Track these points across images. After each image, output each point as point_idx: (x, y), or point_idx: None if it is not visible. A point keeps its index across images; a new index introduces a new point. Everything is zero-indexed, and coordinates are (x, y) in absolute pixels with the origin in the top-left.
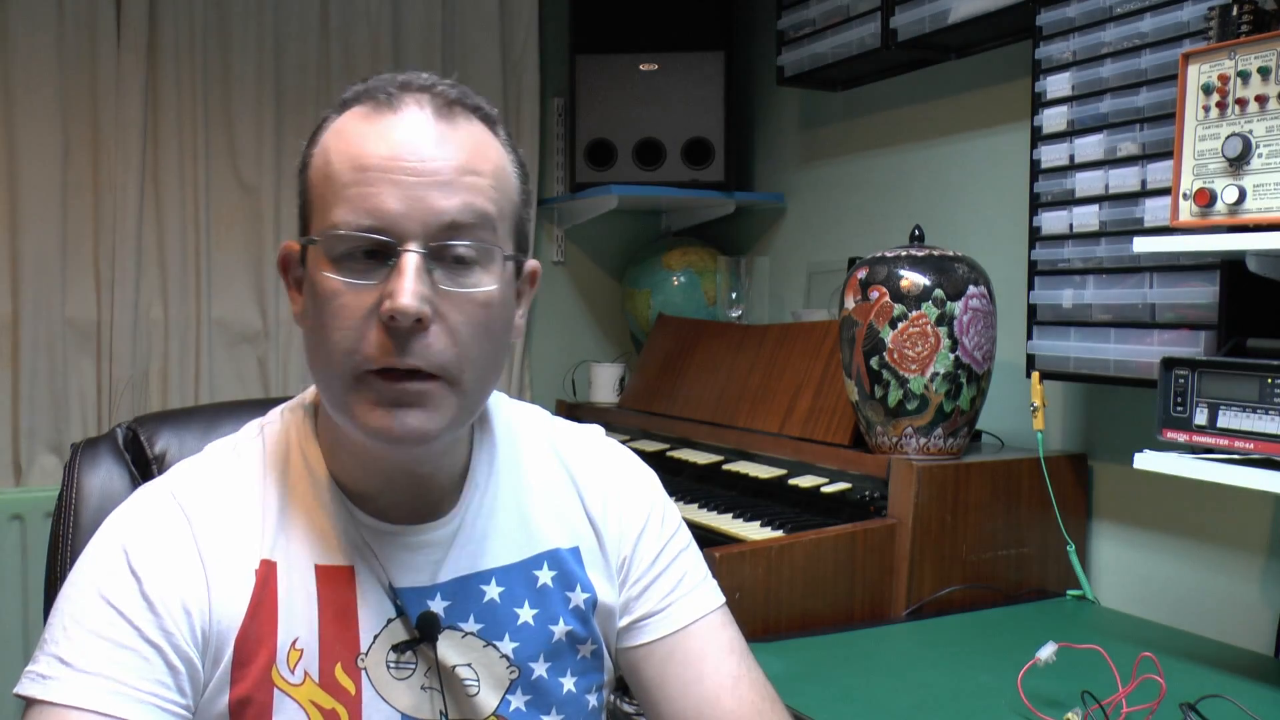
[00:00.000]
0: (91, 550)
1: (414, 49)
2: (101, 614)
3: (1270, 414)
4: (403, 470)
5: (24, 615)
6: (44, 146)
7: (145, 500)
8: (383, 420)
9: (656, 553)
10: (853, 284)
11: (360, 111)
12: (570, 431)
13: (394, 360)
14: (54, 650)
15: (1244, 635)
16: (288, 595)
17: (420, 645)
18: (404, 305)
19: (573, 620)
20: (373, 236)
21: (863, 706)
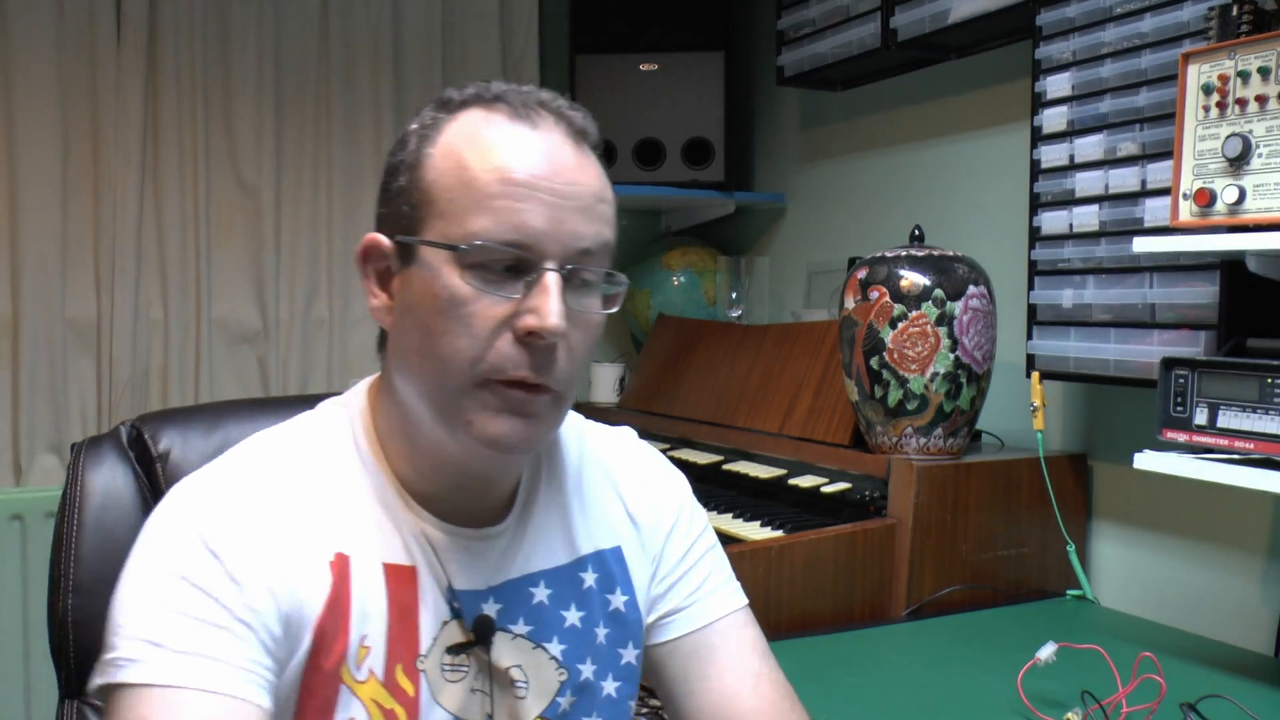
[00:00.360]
0: (159, 536)
1: (414, 49)
2: (187, 595)
3: (1270, 414)
4: (477, 476)
5: (24, 615)
6: (44, 147)
7: (212, 486)
8: (502, 428)
9: (685, 550)
10: (853, 284)
11: (490, 118)
12: (605, 433)
13: (530, 375)
14: (137, 634)
15: (1244, 635)
16: (361, 591)
17: (474, 648)
18: (553, 325)
19: (610, 624)
20: (518, 253)
21: (863, 706)
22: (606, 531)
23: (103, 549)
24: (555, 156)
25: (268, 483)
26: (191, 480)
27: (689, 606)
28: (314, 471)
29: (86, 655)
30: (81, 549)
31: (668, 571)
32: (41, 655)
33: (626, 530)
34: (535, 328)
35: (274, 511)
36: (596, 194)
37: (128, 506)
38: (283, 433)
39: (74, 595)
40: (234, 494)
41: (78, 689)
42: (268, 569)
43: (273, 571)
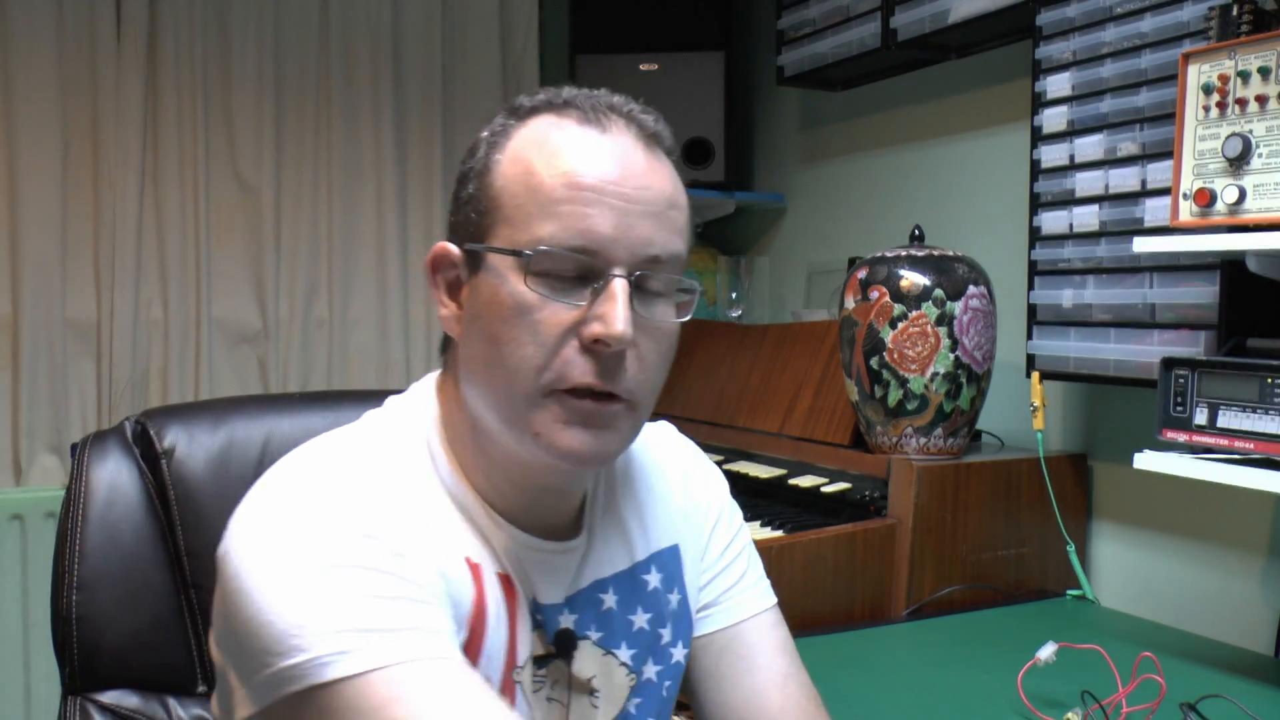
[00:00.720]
0: (300, 532)
1: (414, 49)
2: (369, 579)
3: (1270, 414)
4: (550, 489)
5: (24, 615)
6: (44, 147)
7: (342, 479)
8: (572, 440)
9: (725, 545)
10: (853, 284)
11: (560, 123)
12: (649, 431)
13: (597, 383)
14: (333, 627)
15: (1244, 635)
16: (492, 599)
17: (555, 660)
18: (621, 332)
19: (670, 623)
20: (583, 258)
21: (863, 706)
22: (665, 530)
23: (107, 545)
24: (625, 160)
25: (386, 480)
26: (295, 479)
27: (724, 602)
28: (413, 479)
29: (90, 652)
30: (86, 545)
31: (708, 565)
32: (42, 656)
33: (682, 528)
34: (601, 335)
35: (410, 505)
36: (668, 200)
37: (132, 502)
38: (362, 437)
39: (78, 591)
40: (372, 488)
41: (81, 686)
42: (433, 555)
43: (434, 556)
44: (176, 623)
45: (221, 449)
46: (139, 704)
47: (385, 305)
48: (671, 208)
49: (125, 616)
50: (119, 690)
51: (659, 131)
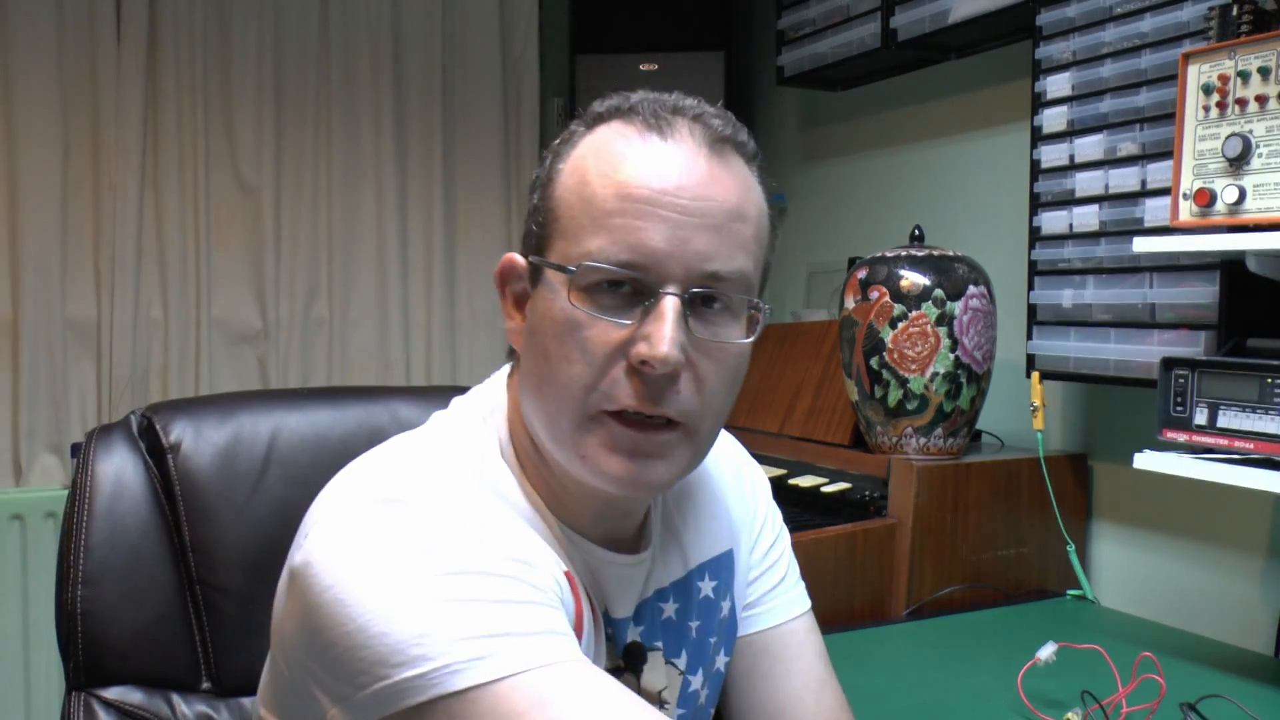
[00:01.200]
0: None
1: (414, 49)
2: (499, 585)
3: (1270, 414)
4: (617, 508)
5: (24, 615)
6: (44, 147)
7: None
8: (620, 468)
9: (769, 546)
10: (853, 284)
11: (624, 130)
12: None
13: (644, 406)
14: (460, 635)
15: (1244, 635)
16: (585, 608)
17: (624, 674)
18: (665, 354)
19: (718, 632)
20: (633, 275)
21: (863, 706)
22: (719, 536)
23: (113, 540)
24: (684, 168)
25: (476, 490)
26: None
27: (764, 604)
28: (495, 490)
29: (94, 647)
30: (91, 540)
31: (753, 565)
32: (42, 655)
33: (734, 532)
34: (646, 356)
35: (506, 515)
36: (732, 211)
37: (138, 497)
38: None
39: (83, 586)
40: (462, 493)
41: (85, 681)
42: (548, 565)
43: (548, 565)
44: (182, 619)
45: (228, 443)
46: (143, 700)
47: (385, 305)
48: (737, 220)
49: (130, 612)
50: (123, 686)
51: (730, 135)
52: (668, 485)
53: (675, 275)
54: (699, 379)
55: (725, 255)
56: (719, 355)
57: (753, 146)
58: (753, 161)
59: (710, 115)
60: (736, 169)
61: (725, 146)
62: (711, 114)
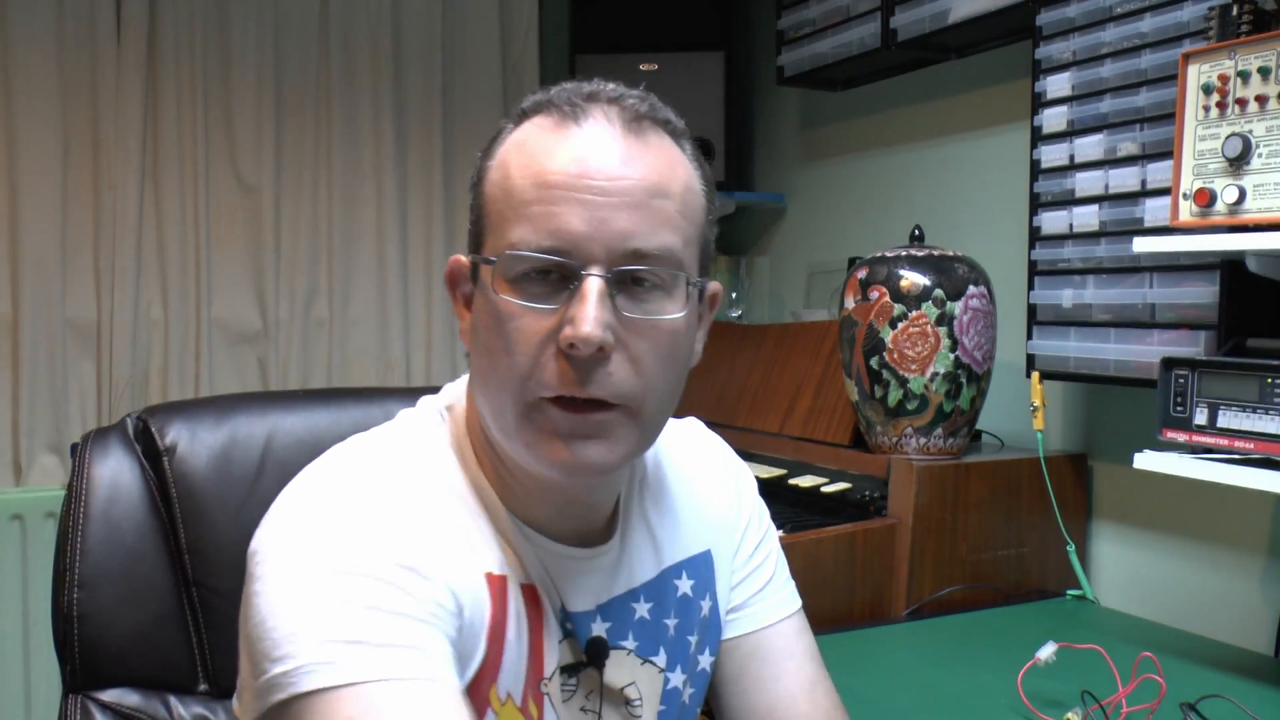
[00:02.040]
0: (315, 537)
1: (414, 49)
2: (378, 591)
3: (1270, 414)
4: (576, 500)
5: (24, 615)
6: (44, 146)
7: (365, 487)
8: (560, 453)
9: (754, 547)
10: (853, 284)
11: (543, 123)
12: (677, 429)
13: (575, 390)
14: (326, 637)
15: (1244, 635)
16: (514, 613)
17: (586, 669)
18: (586, 334)
19: (700, 630)
20: (553, 259)
21: (863, 706)
22: (697, 536)
23: (109, 542)
24: (599, 150)
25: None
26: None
27: (752, 606)
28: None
29: (91, 649)
30: (87, 542)
31: (738, 567)
32: (42, 655)
33: (714, 532)
34: (570, 337)
35: (436, 520)
36: (651, 188)
37: (134, 500)
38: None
39: (79, 589)
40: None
41: (82, 684)
42: (447, 572)
43: (452, 576)
44: (178, 621)
45: (224, 446)
46: (140, 702)
47: (385, 305)
48: (658, 196)
49: (126, 614)
50: (120, 688)
51: (649, 113)
52: (612, 466)
53: (597, 257)
54: (634, 358)
55: (647, 232)
56: (651, 333)
57: (679, 125)
58: (680, 139)
59: (629, 97)
60: (657, 146)
61: (644, 125)
62: (631, 96)
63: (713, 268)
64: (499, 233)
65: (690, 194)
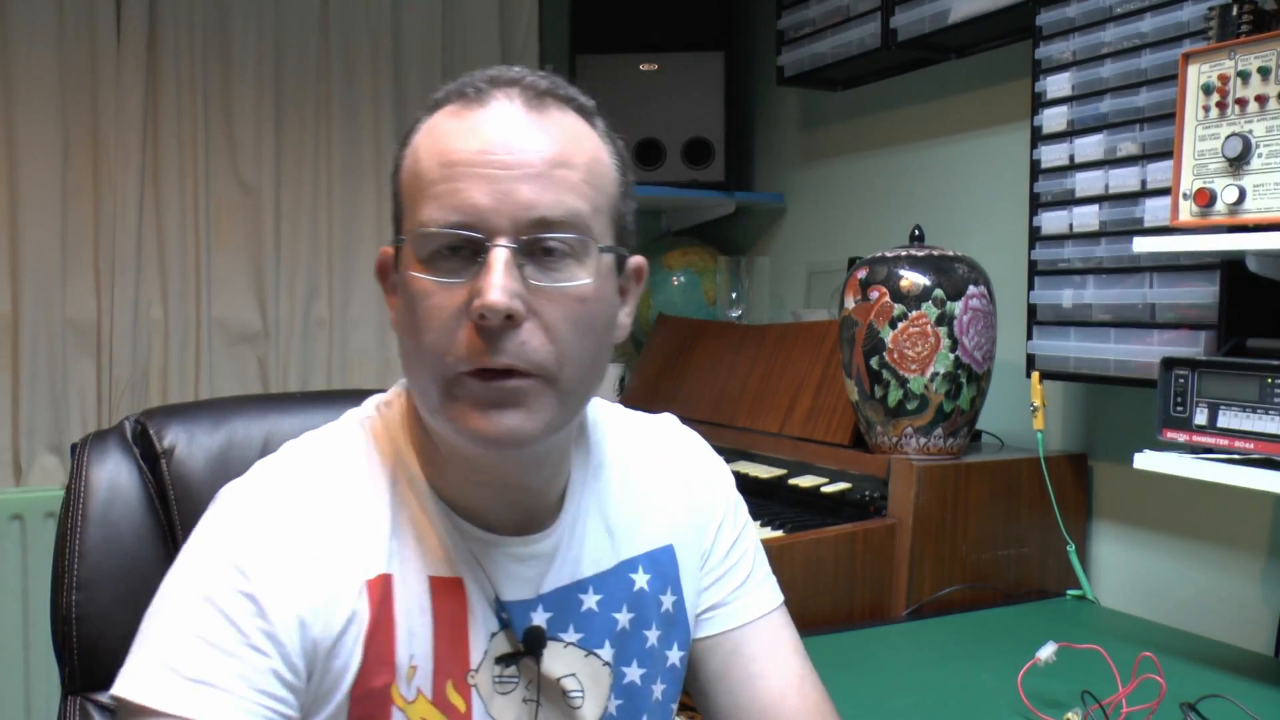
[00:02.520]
0: (200, 547)
1: (414, 49)
2: (208, 618)
3: (1270, 414)
4: (511, 482)
5: (24, 615)
6: (44, 146)
7: (252, 500)
8: (479, 422)
9: (731, 544)
10: (853, 284)
11: (450, 109)
12: (648, 424)
13: (487, 360)
14: (158, 655)
15: (1244, 635)
16: (405, 610)
17: (524, 659)
18: (492, 301)
19: (662, 625)
20: (460, 233)
21: (863, 706)
22: (658, 530)
23: (106, 545)
24: (501, 128)
25: (308, 499)
26: (232, 491)
27: (731, 602)
28: (356, 484)
29: (89, 651)
30: (85, 545)
31: (714, 565)
32: (42, 655)
33: (679, 527)
34: (477, 307)
35: (312, 532)
36: (553, 159)
37: (132, 502)
38: (326, 440)
39: (77, 591)
40: (272, 512)
41: (81, 685)
42: (301, 595)
43: (305, 599)
44: None
45: (221, 449)
46: None
47: (385, 305)
48: (560, 166)
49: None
50: None
51: (551, 89)
52: (532, 435)
53: (502, 228)
54: (546, 326)
55: (551, 201)
56: (562, 300)
57: (586, 102)
58: (585, 114)
59: (531, 77)
60: (559, 120)
61: (546, 101)
62: (533, 75)
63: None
64: (411, 216)
65: (597, 164)
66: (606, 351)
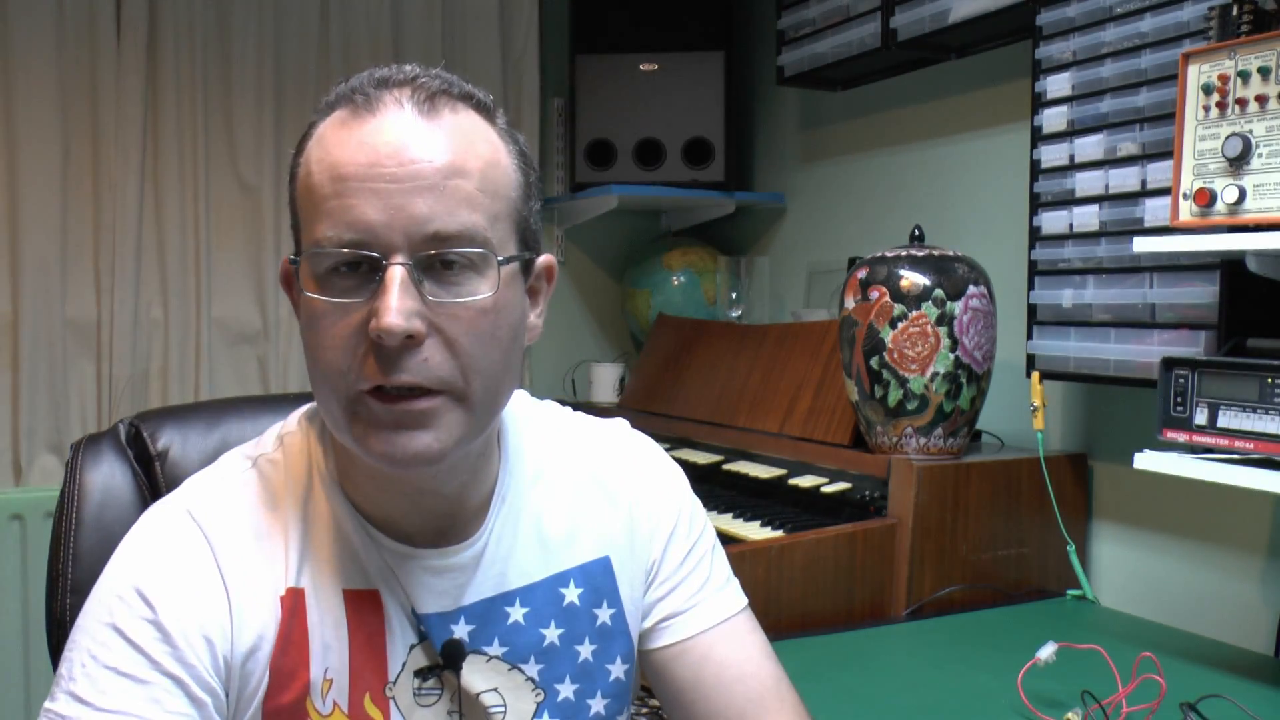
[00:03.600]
0: (106, 579)
1: (414, 49)
2: (117, 648)
3: (1270, 414)
4: (425, 491)
5: (24, 615)
6: (44, 146)
7: (160, 523)
8: (383, 445)
9: (685, 553)
10: (853, 284)
11: (339, 116)
12: (594, 430)
13: (390, 380)
14: (70, 688)
15: (1244, 635)
16: (318, 624)
17: (444, 672)
18: (389, 324)
19: (598, 639)
20: (355, 252)
21: (863, 706)
22: (593, 542)
23: (101, 548)
24: (390, 139)
25: (218, 517)
26: (152, 513)
27: (690, 609)
28: (270, 499)
29: None
30: (79, 548)
31: (668, 575)
32: (42, 655)
33: (617, 538)
34: (374, 329)
35: (221, 550)
36: (445, 168)
37: (126, 505)
38: (243, 458)
39: (72, 595)
40: (180, 533)
41: None
42: (205, 615)
43: (210, 617)
44: None
45: (216, 450)
46: None
47: None
48: (454, 176)
49: None
50: None
51: (445, 89)
52: (440, 454)
53: (397, 244)
54: (448, 342)
55: (445, 214)
56: (464, 315)
57: (484, 98)
58: (483, 111)
59: (423, 78)
60: (451, 124)
61: (438, 103)
62: (426, 75)
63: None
64: (307, 231)
65: (493, 169)
66: (517, 358)
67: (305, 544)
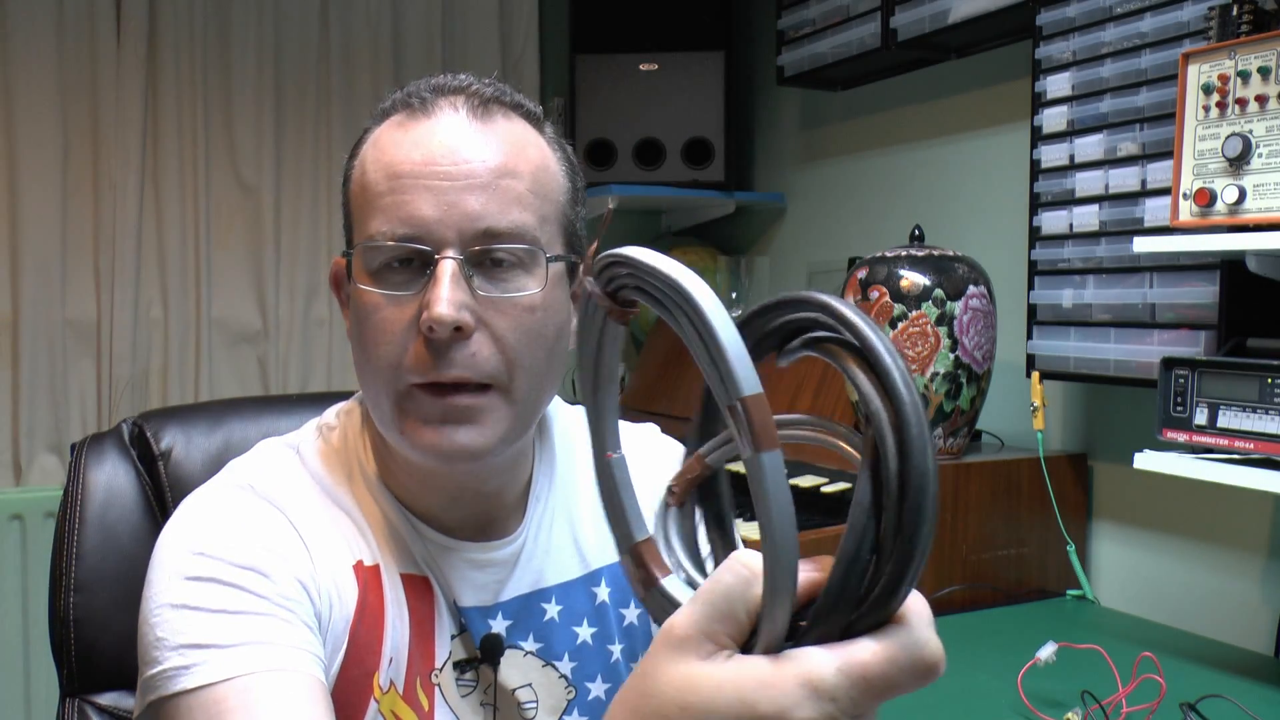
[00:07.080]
0: (180, 548)
1: (414, 49)
2: (223, 594)
3: (1270, 414)
4: (466, 488)
5: (24, 615)
6: (44, 146)
7: (222, 495)
8: (432, 438)
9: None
10: (853, 284)
11: (396, 120)
12: (631, 434)
13: (437, 373)
14: (184, 642)
15: (1244, 635)
16: (391, 601)
17: (481, 665)
18: (439, 314)
19: (625, 639)
20: (408, 245)
21: None
22: None
23: (104, 547)
24: (446, 139)
25: (281, 490)
26: (204, 493)
27: None
28: (323, 480)
29: (87, 653)
30: (83, 547)
31: None
32: (42, 655)
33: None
34: (425, 320)
35: (291, 516)
36: (498, 168)
37: (129, 505)
38: (287, 446)
39: (75, 593)
40: (252, 501)
41: (79, 687)
42: (295, 564)
43: (300, 567)
44: None
45: (219, 450)
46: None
47: None
48: (506, 176)
49: (123, 618)
50: (117, 692)
51: (496, 96)
52: (486, 450)
53: (449, 240)
54: (496, 337)
55: (497, 212)
56: (511, 311)
57: (533, 108)
58: (532, 120)
59: (476, 85)
60: (504, 129)
61: (491, 109)
62: (479, 84)
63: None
64: (361, 228)
65: (543, 173)
66: (560, 359)
67: (363, 524)
